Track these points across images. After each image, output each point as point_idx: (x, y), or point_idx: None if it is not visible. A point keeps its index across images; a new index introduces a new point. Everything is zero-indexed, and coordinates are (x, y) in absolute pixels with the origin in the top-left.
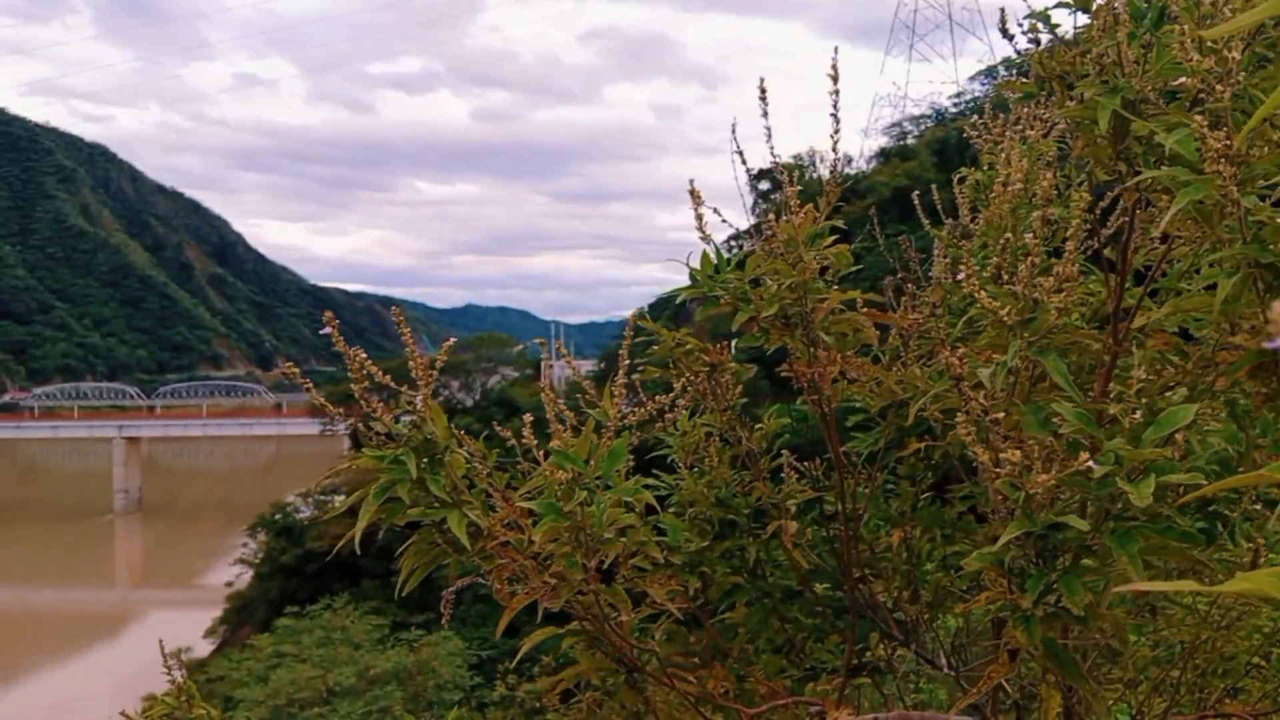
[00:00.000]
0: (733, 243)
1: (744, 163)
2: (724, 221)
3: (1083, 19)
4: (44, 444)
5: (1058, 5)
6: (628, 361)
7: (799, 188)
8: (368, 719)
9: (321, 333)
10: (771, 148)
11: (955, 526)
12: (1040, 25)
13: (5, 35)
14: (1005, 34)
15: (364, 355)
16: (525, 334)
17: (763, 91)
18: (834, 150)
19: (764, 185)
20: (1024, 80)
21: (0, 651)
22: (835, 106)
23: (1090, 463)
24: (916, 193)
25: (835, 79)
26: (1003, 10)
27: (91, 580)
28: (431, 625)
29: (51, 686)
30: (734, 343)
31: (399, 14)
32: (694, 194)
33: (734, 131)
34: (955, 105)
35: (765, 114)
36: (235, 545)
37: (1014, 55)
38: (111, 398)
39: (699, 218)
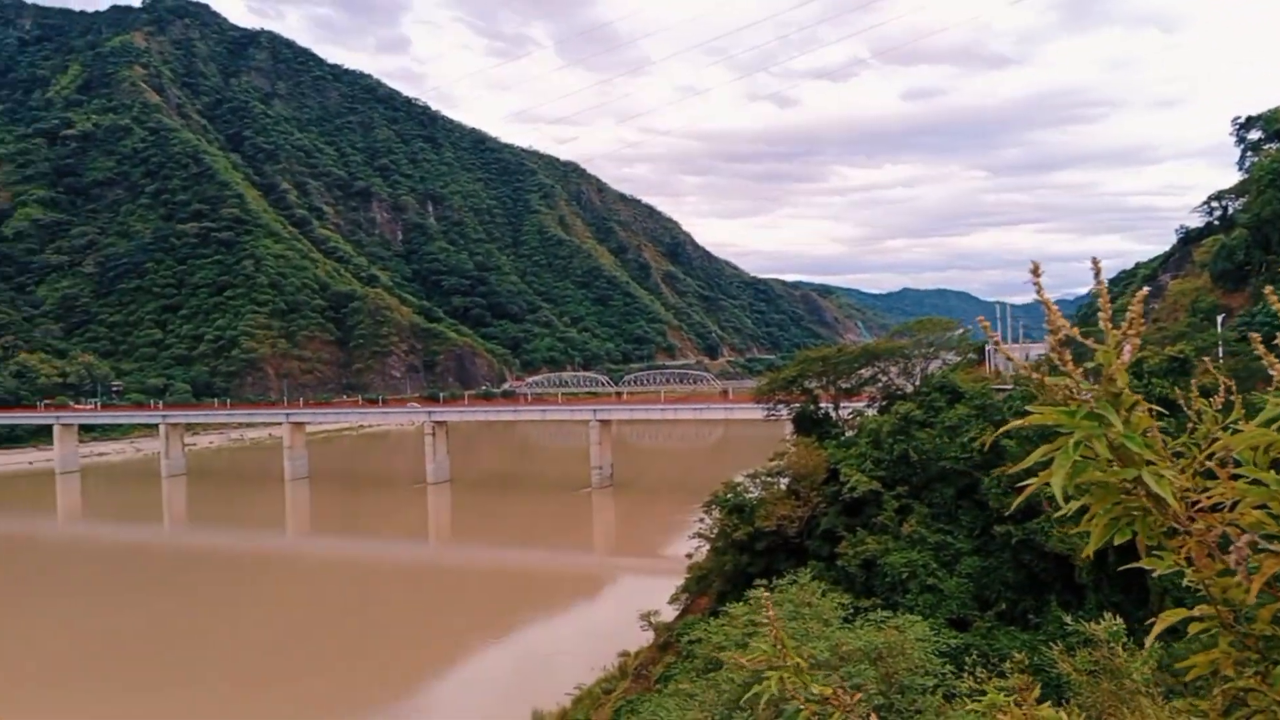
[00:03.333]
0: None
1: None
2: None
3: None
4: (535, 425)
5: None
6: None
7: None
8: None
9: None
10: None
11: None
12: None
13: (493, 75)
14: None
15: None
16: (965, 316)
17: None
18: None
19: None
20: None
21: (498, 605)
22: None
23: None
24: None
25: None
26: None
27: (574, 545)
28: (879, 610)
29: (537, 639)
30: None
31: (823, 6)
32: None
33: None
34: None
35: None
36: (691, 520)
37: None
38: (587, 385)
39: None
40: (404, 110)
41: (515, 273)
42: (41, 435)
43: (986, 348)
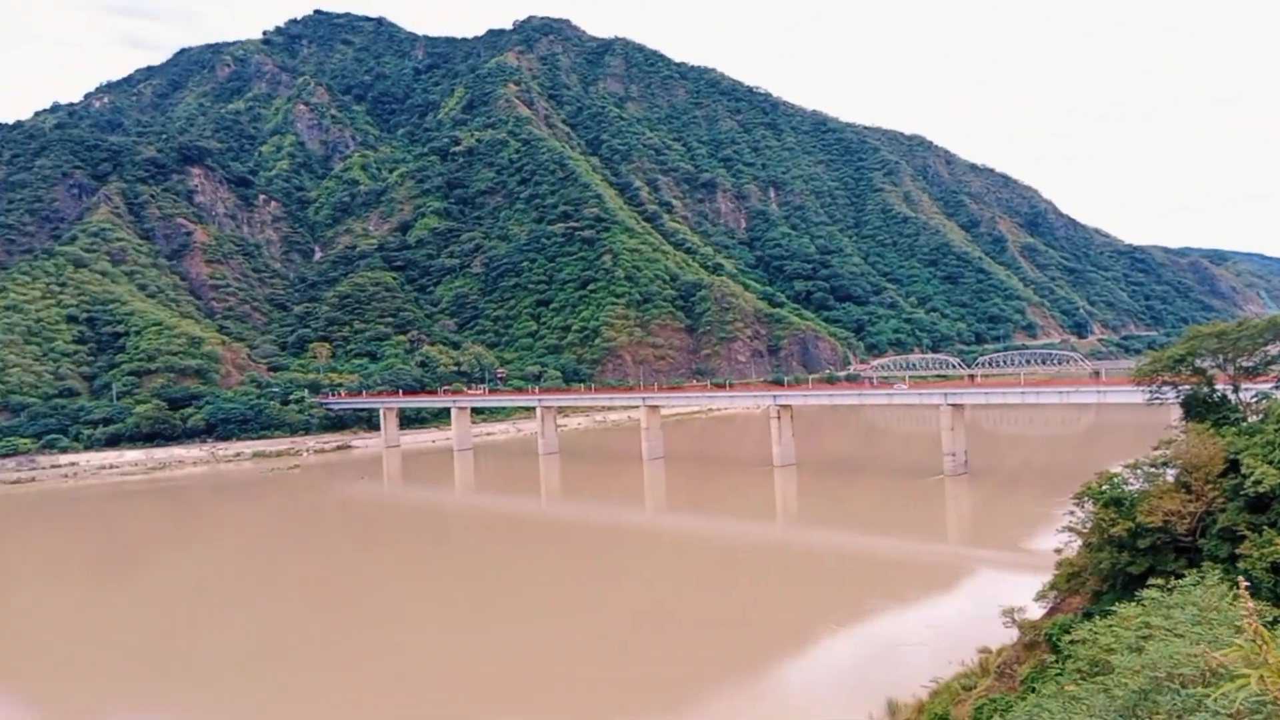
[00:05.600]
0: None
1: None
2: None
3: None
4: (880, 410)
5: None
6: None
7: None
8: (1262, 709)
9: None
10: None
11: None
12: None
13: (834, 54)
14: None
15: None
16: None
17: None
18: None
19: None
20: None
21: (846, 590)
22: None
23: None
24: None
25: None
26: None
27: (925, 534)
28: None
29: (887, 627)
30: None
31: None
32: None
33: None
34: None
35: None
36: (1056, 512)
37: None
38: (936, 368)
39: None
40: (746, 100)
41: (858, 254)
42: (441, 417)
43: None
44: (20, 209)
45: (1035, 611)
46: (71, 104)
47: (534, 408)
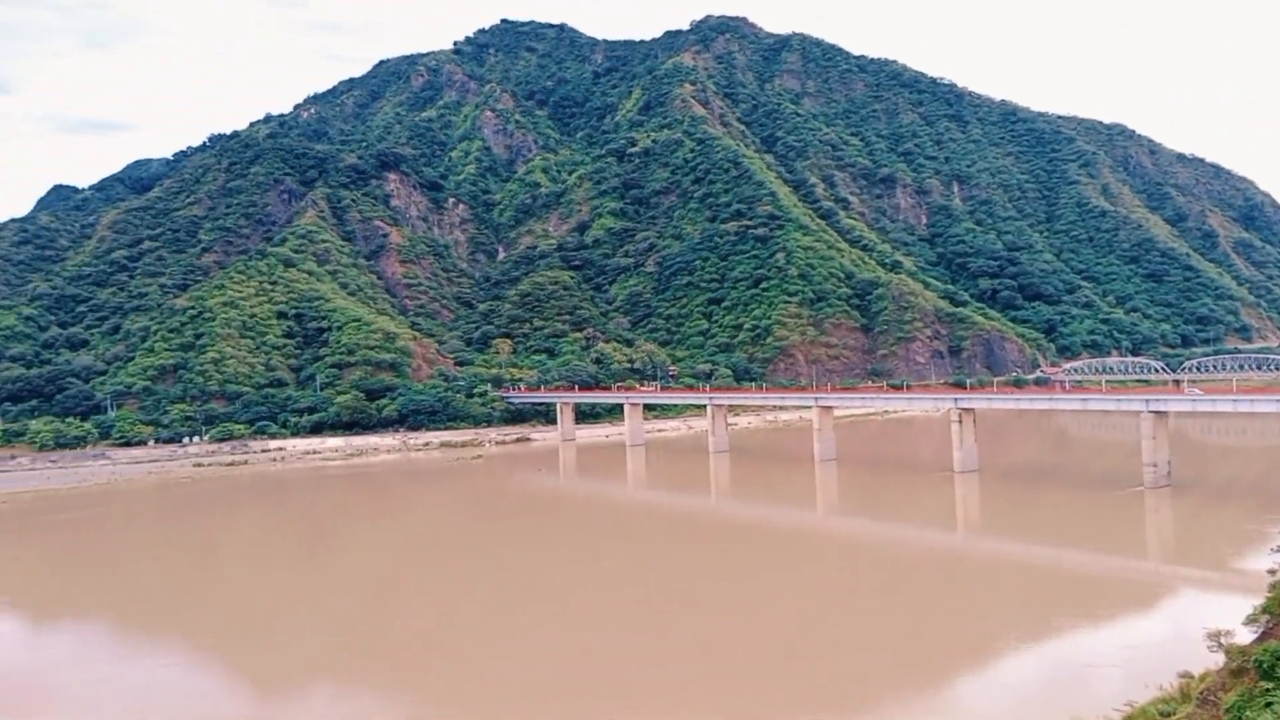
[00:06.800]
0: None
1: None
2: None
3: None
4: (1073, 416)
5: None
6: None
7: None
8: None
9: None
10: None
11: None
12: None
13: (1021, 41)
14: None
15: None
16: None
17: None
18: None
19: None
20: None
21: (1030, 605)
22: None
23: None
24: None
25: None
26: None
27: (1120, 549)
28: None
29: (1074, 646)
30: None
31: None
32: None
33: None
34: None
35: None
36: (1270, 530)
37: None
38: (1136, 372)
39: None
40: (929, 91)
41: (1049, 250)
42: (614, 412)
43: None
44: (237, 213)
45: (1244, 636)
46: (282, 115)
47: (705, 405)
